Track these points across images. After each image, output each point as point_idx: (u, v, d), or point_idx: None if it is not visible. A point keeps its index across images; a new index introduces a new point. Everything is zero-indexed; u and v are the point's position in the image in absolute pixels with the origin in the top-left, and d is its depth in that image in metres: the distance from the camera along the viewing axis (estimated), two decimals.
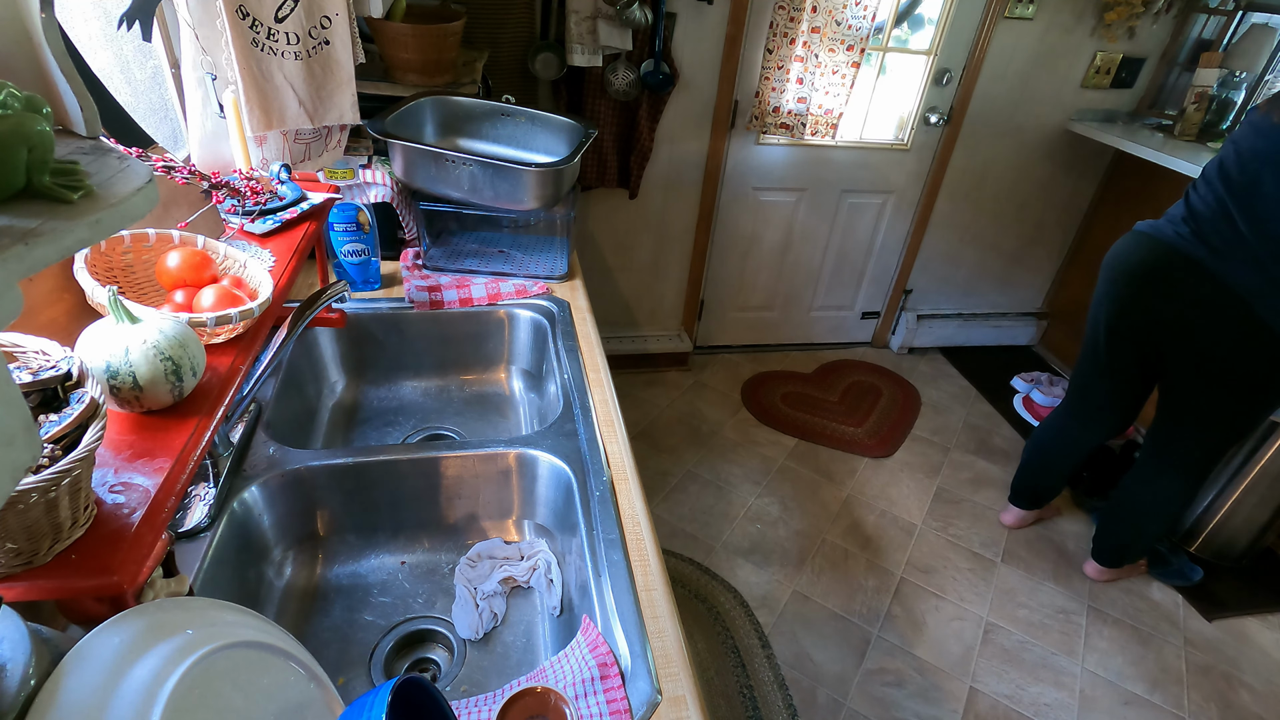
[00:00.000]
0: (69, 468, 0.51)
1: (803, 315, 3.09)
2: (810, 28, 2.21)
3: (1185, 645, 1.94)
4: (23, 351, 0.61)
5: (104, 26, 1.07)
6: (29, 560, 0.54)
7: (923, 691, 1.75)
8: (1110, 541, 2.03)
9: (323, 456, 1.00)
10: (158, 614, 0.55)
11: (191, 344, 0.71)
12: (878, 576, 2.05)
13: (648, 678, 0.73)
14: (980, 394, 2.96)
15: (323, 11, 1.20)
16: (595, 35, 2.04)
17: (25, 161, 0.44)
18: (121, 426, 0.69)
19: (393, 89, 1.51)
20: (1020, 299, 3.28)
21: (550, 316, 1.39)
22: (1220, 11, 2.60)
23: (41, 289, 0.79)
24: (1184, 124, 2.51)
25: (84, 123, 0.56)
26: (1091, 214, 3.01)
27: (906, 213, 2.88)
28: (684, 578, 1.98)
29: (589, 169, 2.34)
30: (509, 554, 1.08)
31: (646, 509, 0.95)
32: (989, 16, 2.43)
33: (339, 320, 1.20)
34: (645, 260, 2.72)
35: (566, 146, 1.52)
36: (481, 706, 0.74)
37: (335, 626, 0.97)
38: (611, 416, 1.12)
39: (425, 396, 1.43)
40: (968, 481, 2.46)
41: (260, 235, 1.07)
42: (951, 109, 2.63)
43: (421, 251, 1.45)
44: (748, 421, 2.65)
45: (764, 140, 2.54)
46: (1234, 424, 1.73)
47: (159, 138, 1.17)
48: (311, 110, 1.25)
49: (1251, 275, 1.51)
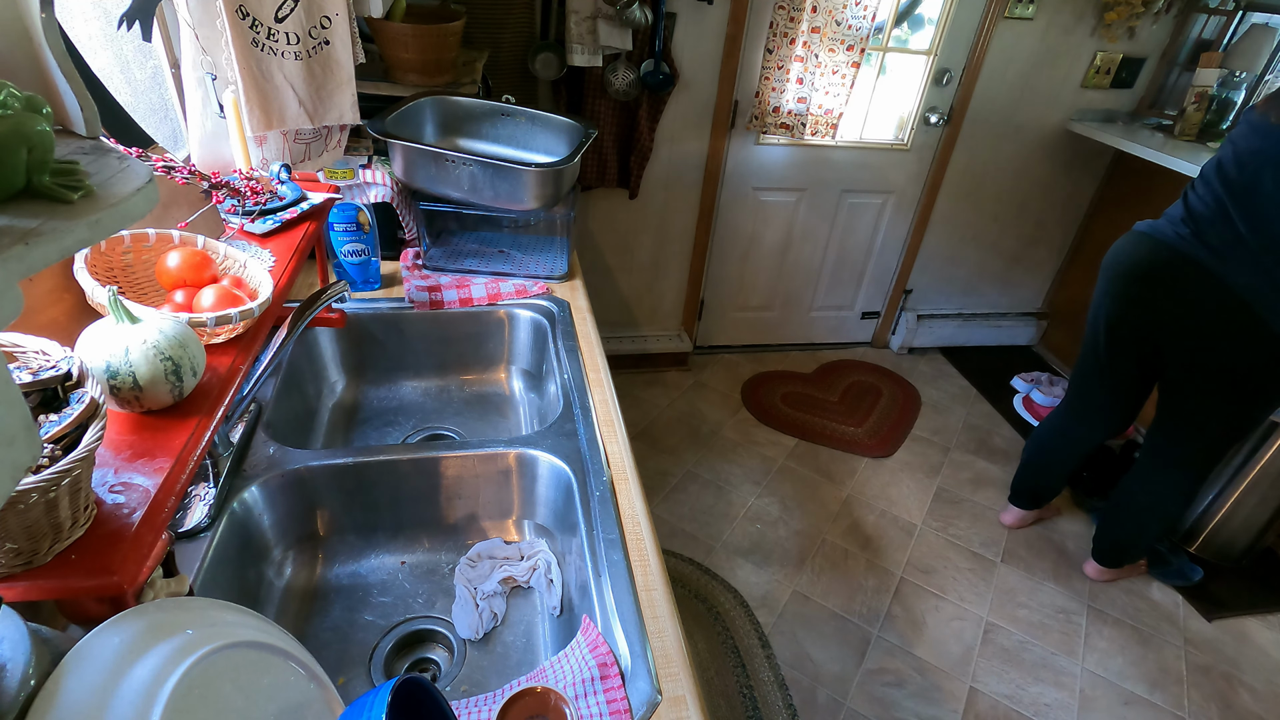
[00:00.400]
0: (69, 468, 0.51)
1: (803, 315, 3.09)
2: (810, 28, 2.21)
3: (1185, 645, 1.94)
4: (23, 351, 0.61)
5: (104, 26, 1.07)
6: (29, 560, 0.54)
7: (923, 691, 1.75)
8: (1110, 541, 2.03)
9: (323, 456, 1.00)
10: (158, 614, 0.55)
11: (191, 344, 0.71)
12: (878, 576, 2.05)
13: (648, 678, 0.73)
14: (980, 394, 2.96)
15: (323, 11, 1.20)
16: (595, 35, 2.04)
17: (25, 161, 0.44)
18: (121, 426, 0.69)
19: (393, 89, 1.51)
20: (1020, 299, 3.28)
21: (550, 316, 1.39)
22: (1220, 11, 2.60)
23: (41, 289, 0.79)
24: (1184, 124, 2.50)
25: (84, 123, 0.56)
26: (1091, 214, 3.01)
27: (906, 213, 2.88)
28: (684, 578, 1.98)
29: (589, 169, 2.34)
30: (509, 554, 1.08)
31: (646, 509, 0.95)
32: (989, 16, 2.43)
33: (339, 320, 1.20)
34: (645, 260, 2.72)
35: (566, 146, 1.52)
36: (481, 706, 0.74)
37: (335, 626, 0.97)
38: (611, 416, 1.12)
39: (425, 396, 1.43)
40: (968, 481, 2.46)
41: (260, 235, 1.07)
42: (951, 109, 2.63)
43: (421, 251, 1.45)
44: (748, 421, 2.65)
45: (764, 140, 2.54)
46: (1234, 424, 1.72)
47: (159, 138, 1.17)
48: (311, 110, 1.25)
49: (1251, 276, 1.51)
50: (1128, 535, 1.98)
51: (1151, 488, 1.88)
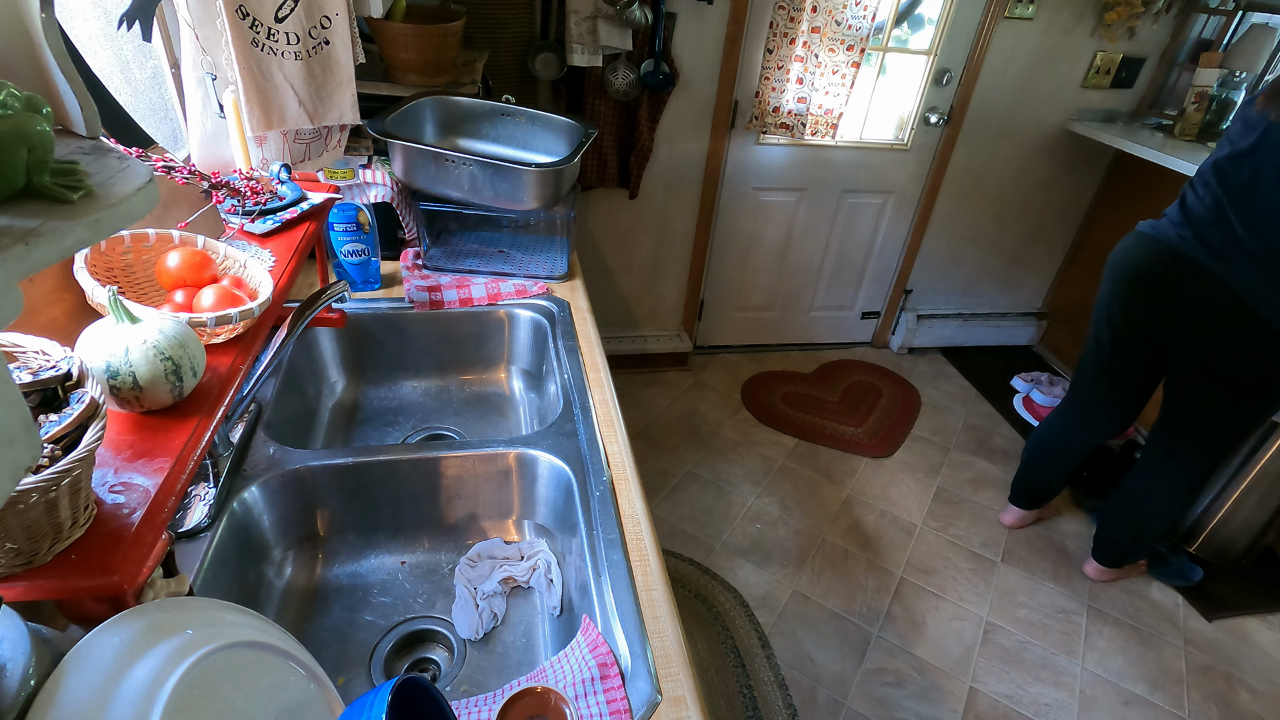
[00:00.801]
0: (69, 468, 0.51)
1: (803, 315, 3.09)
2: (810, 28, 2.21)
3: (1185, 645, 1.94)
4: (23, 351, 0.61)
5: (104, 26, 1.07)
6: (29, 560, 0.54)
7: (923, 691, 1.75)
8: (1110, 541, 2.03)
9: (323, 456, 1.00)
10: (158, 614, 0.55)
11: (191, 344, 0.71)
12: (878, 576, 2.05)
13: (648, 678, 0.73)
14: (980, 394, 2.96)
15: (323, 11, 1.20)
16: (595, 35, 2.04)
17: (25, 161, 0.44)
18: (121, 426, 0.69)
19: (393, 89, 1.51)
20: (1020, 299, 3.28)
21: (550, 316, 1.39)
22: (1220, 11, 2.60)
23: (41, 289, 0.79)
24: (1184, 124, 2.50)
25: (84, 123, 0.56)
26: (1092, 214, 3.01)
27: (906, 213, 2.88)
28: (684, 578, 1.98)
29: (589, 169, 2.34)
30: (509, 554, 1.08)
31: (646, 509, 0.95)
32: (989, 16, 2.43)
33: (339, 320, 1.20)
34: (645, 260, 2.72)
35: (566, 146, 1.52)
36: (481, 706, 0.74)
37: (335, 626, 0.97)
38: (611, 416, 1.12)
39: (425, 396, 1.43)
40: (968, 481, 2.46)
41: (260, 235, 1.07)
42: (951, 109, 2.63)
43: (421, 251, 1.45)
44: (748, 421, 2.65)
45: (764, 140, 2.54)
46: (1236, 424, 1.72)
47: (159, 138, 1.17)
48: (311, 110, 1.25)
49: (1251, 275, 1.51)
50: (1128, 535, 1.98)
51: (1153, 488, 1.88)
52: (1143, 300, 1.71)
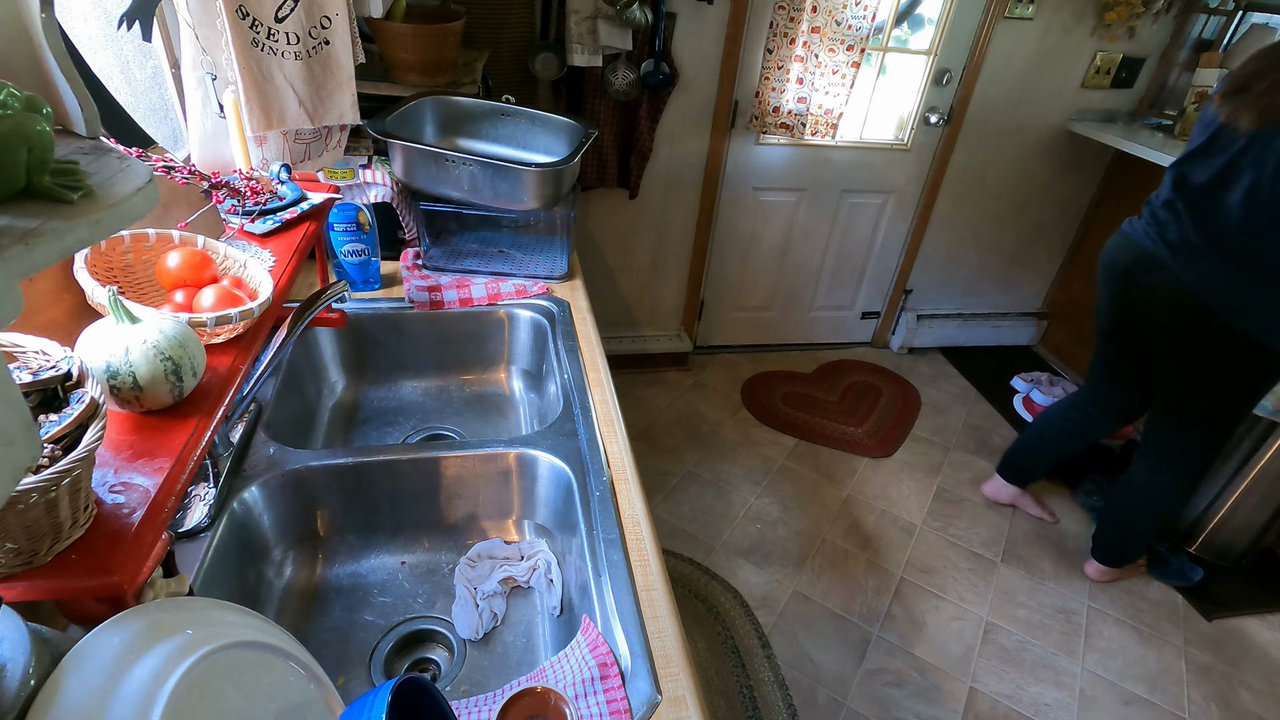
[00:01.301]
0: (69, 468, 0.51)
1: (803, 315, 3.09)
2: (810, 28, 2.21)
3: (1185, 645, 1.94)
4: (23, 351, 0.61)
5: (104, 26, 1.07)
6: (29, 560, 0.54)
7: (923, 691, 1.75)
8: (1109, 540, 2.03)
9: (323, 456, 1.00)
10: (158, 614, 0.55)
11: (191, 344, 0.71)
12: (878, 576, 2.05)
13: (648, 678, 0.73)
14: (980, 394, 2.96)
15: (323, 11, 1.20)
16: (595, 35, 2.04)
17: (25, 161, 0.44)
18: (121, 426, 0.69)
19: (393, 89, 1.51)
20: (1020, 299, 3.28)
21: (550, 316, 1.39)
22: (1220, 11, 2.60)
23: (41, 289, 0.79)
24: (1184, 124, 2.50)
25: (84, 123, 0.56)
26: (1091, 214, 3.01)
27: (906, 213, 2.88)
28: (684, 578, 1.98)
29: (589, 169, 2.34)
30: (509, 554, 1.08)
31: (646, 509, 0.95)
32: (989, 16, 2.43)
33: (339, 320, 1.20)
34: (645, 260, 2.72)
35: (566, 146, 1.52)
36: (481, 706, 0.74)
37: (335, 626, 0.97)
38: (611, 416, 1.12)
39: (425, 396, 1.43)
40: (968, 481, 2.46)
41: (260, 235, 1.07)
42: (951, 109, 2.63)
43: (421, 251, 1.45)
44: (748, 421, 2.65)
45: (764, 140, 2.54)
46: (1217, 419, 1.75)
47: (159, 138, 1.17)
48: (311, 110, 1.25)
49: (1204, 272, 1.56)
50: (1126, 534, 1.99)
51: (1147, 484, 1.90)
52: (1121, 296, 1.78)
